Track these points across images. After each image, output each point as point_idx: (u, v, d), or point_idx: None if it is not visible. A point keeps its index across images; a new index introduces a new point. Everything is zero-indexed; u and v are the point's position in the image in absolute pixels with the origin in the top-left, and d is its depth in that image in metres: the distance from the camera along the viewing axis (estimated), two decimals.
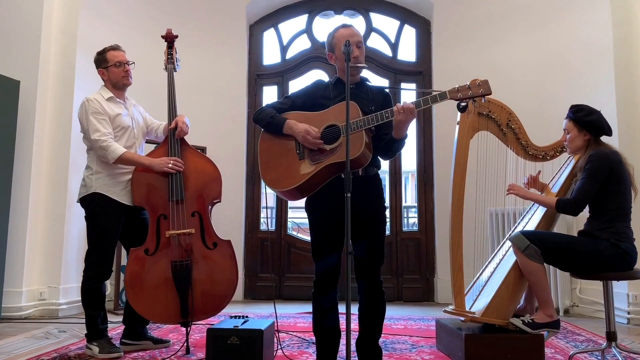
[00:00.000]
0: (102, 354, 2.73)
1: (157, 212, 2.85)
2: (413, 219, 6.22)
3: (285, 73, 5.61)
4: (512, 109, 2.87)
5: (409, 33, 5.60)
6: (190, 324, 2.80)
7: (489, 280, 2.81)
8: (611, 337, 2.55)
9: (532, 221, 2.89)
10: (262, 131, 2.43)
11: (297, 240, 5.41)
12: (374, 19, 5.67)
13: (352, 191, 1.94)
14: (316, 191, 2.29)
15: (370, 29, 5.64)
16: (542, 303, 2.61)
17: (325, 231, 2.30)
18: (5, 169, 3.97)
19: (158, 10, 5.05)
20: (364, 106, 2.28)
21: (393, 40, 5.61)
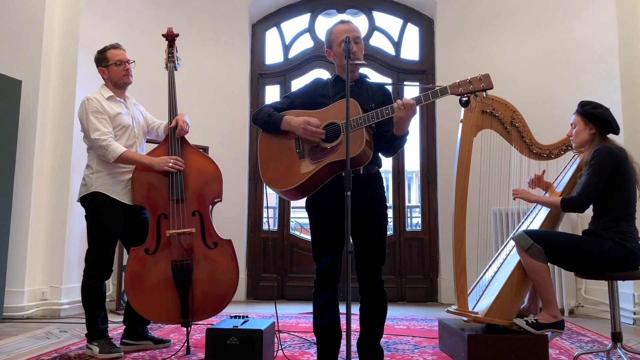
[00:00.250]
0: (103, 354, 2.71)
1: (158, 212, 2.84)
2: (416, 219, 6.20)
3: (287, 72, 5.59)
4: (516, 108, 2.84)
5: (412, 32, 5.58)
6: (190, 324, 2.78)
7: (493, 280, 2.78)
8: (616, 338, 2.51)
9: (537, 220, 2.86)
10: (262, 131, 2.40)
11: (300, 240, 5.39)
12: (377, 18, 5.64)
13: (353, 190, 1.92)
14: (317, 190, 2.27)
15: (373, 28, 5.61)
16: (546, 303, 2.57)
17: (325, 230, 2.27)
18: (7, 169, 3.97)
19: (160, 9, 5.04)
20: (364, 103, 2.25)
21: (396, 39, 5.58)
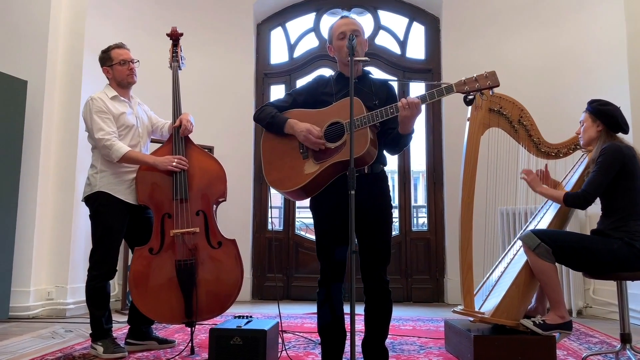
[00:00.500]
0: (107, 354, 2.71)
1: (162, 211, 2.83)
2: (423, 219, 6.16)
3: (292, 72, 5.57)
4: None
5: (418, 30, 5.54)
6: (194, 324, 2.77)
7: (499, 280, 2.75)
8: (625, 339, 2.48)
9: (544, 220, 2.82)
10: (264, 130, 2.38)
11: (305, 240, 5.37)
12: (382, 17, 5.61)
13: (358, 189, 1.90)
14: (321, 190, 2.24)
15: (378, 27, 5.58)
16: (554, 304, 2.54)
17: (329, 230, 2.25)
18: (12, 169, 3.98)
19: (165, 10, 5.04)
20: (367, 101, 2.22)
21: (402, 38, 5.55)
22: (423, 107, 2.16)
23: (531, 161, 2.90)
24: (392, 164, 5.42)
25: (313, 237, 5.38)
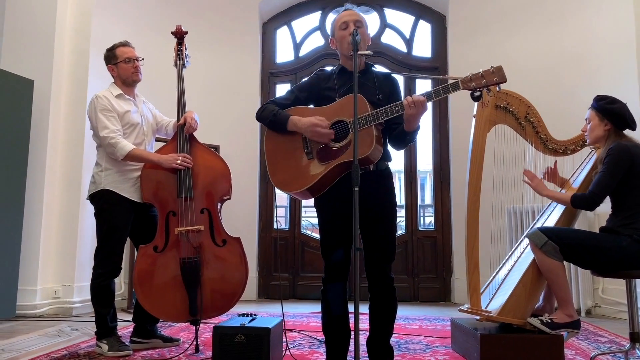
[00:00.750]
0: (111, 352, 2.70)
1: (166, 209, 2.82)
2: (430, 218, 6.13)
3: (298, 71, 5.56)
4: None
5: (424, 28, 5.51)
6: (199, 322, 2.76)
7: (506, 278, 2.72)
8: (635, 338, 2.44)
9: (552, 218, 2.79)
10: (267, 130, 2.36)
11: (311, 239, 5.35)
12: (389, 15, 5.59)
13: (362, 187, 1.88)
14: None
15: (384, 25, 5.56)
16: (562, 302, 2.50)
17: (334, 227, 2.23)
18: (19, 168, 3.99)
19: (171, 9, 5.05)
20: (371, 95, 2.19)
21: (408, 36, 5.52)
22: (430, 105, 2.13)
23: (538, 158, 2.87)
24: (399, 164, 5.40)
25: (319, 236, 5.34)
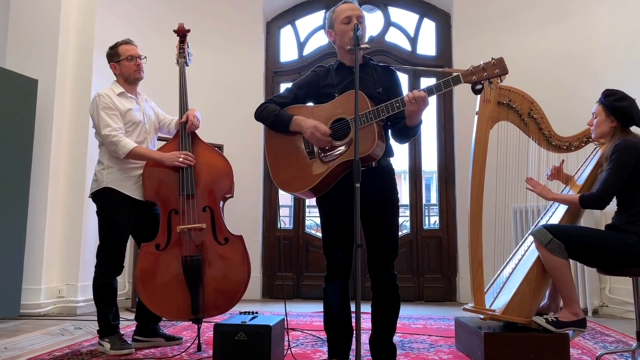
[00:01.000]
0: (114, 351, 2.70)
1: (168, 207, 2.82)
2: (435, 218, 6.09)
3: (302, 70, 5.54)
4: None
5: (429, 27, 5.48)
6: (201, 321, 2.75)
7: (511, 276, 2.69)
8: None
9: (556, 215, 2.76)
10: (268, 130, 2.35)
11: (315, 238, 5.33)
12: (393, 14, 5.56)
13: (365, 183, 1.86)
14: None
15: (388, 24, 5.53)
16: (567, 300, 2.47)
17: (336, 225, 2.22)
18: (23, 168, 4.01)
19: (175, 8, 5.04)
20: (371, 90, 2.17)
21: (412, 34, 5.49)
22: (433, 101, 2.10)
23: (542, 156, 2.84)
24: (404, 164, 5.37)
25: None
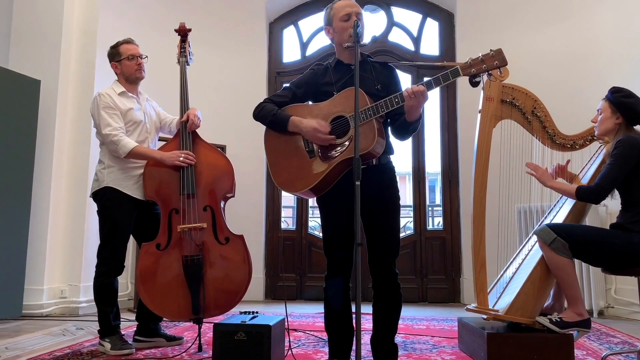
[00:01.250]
0: (114, 351, 2.69)
1: (169, 207, 2.80)
2: (439, 218, 6.06)
3: (305, 70, 5.51)
4: None
5: (432, 27, 5.46)
6: (202, 321, 2.73)
7: (514, 276, 2.66)
8: None
9: (560, 214, 2.73)
10: (266, 129, 2.34)
11: (318, 239, 5.30)
12: (396, 13, 5.54)
13: (365, 181, 1.85)
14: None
15: (391, 24, 5.51)
16: (571, 300, 2.44)
17: (337, 223, 2.20)
18: (26, 168, 4.01)
19: (177, 9, 5.04)
20: (370, 87, 2.16)
21: (415, 34, 5.47)
22: (437, 102, 2.08)
23: (546, 154, 2.81)
24: (407, 165, 5.35)
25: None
